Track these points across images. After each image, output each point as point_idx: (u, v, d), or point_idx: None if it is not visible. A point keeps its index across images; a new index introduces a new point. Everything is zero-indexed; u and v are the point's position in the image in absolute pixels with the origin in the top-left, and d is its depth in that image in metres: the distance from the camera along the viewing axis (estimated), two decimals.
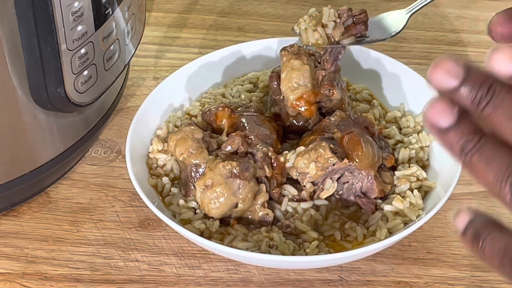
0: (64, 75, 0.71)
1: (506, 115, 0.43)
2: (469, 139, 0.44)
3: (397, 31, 0.78)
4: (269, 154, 0.75)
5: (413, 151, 0.78)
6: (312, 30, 0.76)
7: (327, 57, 0.78)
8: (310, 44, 0.77)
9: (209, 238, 0.72)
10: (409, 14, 0.79)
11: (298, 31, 0.78)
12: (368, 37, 0.78)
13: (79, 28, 0.70)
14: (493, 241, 0.44)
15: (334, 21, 0.76)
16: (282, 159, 0.75)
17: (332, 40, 0.76)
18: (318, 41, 0.76)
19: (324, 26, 0.76)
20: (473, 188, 0.81)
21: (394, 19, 0.79)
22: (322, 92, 0.78)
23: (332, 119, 0.77)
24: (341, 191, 0.75)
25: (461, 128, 0.44)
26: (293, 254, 0.71)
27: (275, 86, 0.80)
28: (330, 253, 0.71)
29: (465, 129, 0.44)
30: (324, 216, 0.74)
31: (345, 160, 0.73)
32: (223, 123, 0.79)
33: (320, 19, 0.76)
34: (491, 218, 0.45)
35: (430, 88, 0.46)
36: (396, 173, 0.76)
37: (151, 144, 0.80)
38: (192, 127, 0.77)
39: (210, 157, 0.74)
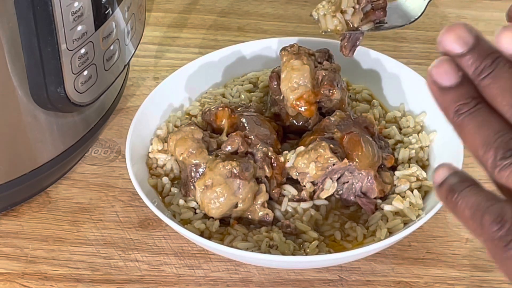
0: (64, 75, 0.71)
1: (502, 87, 0.44)
2: (466, 102, 0.45)
3: (416, 17, 0.77)
4: (269, 154, 0.75)
5: (413, 151, 0.78)
6: (331, 16, 0.75)
7: (345, 43, 0.77)
8: (328, 30, 0.76)
9: (209, 238, 0.72)
10: (428, 0, 0.78)
11: (316, 17, 0.76)
12: (386, 23, 0.77)
13: (79, 28, 0.70)
14: (467, 196, 0.45)
15: (353, 7, 0.75)
16: (282, 159, 0.75)
17: (351, 26, 0.75)
18: (337, 27, 0.75)
19: (343, 12, 0.75)
20: None
21: (413, 5, 0.78)
22: (322, 92, 0.78)
23: (332, 119, 0.77)
24: (341, 191, 0.75)
25: (461, 91, 0.45)
26: (293, 254, 0.71)
27: (275, 86, 0.80)
28: (330, 253, 0.71)
29: (464, 92, 0.45)
30: (324, 216, 0.74)
31: (345, 160, 0.73)
32: (223, 123, 0.79)
33: (339, 5, 0.75)
34: (469, 177, 0.46)
35: (438, 49, 0.47)
36: (396, 173, 0.76)
37: (151, 144, 0.80)
38: (192, 127, 0.77)
39: (210, 157, 0.74)
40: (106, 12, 0.72)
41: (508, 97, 0.44)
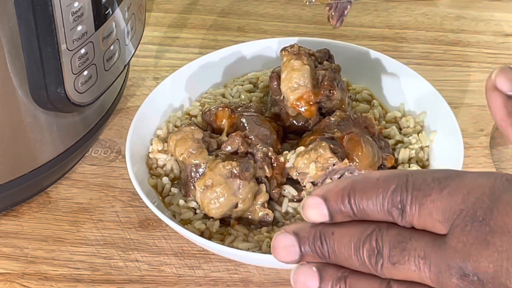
0: (64, 75, 0.71)
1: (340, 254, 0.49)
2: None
3: None
4: (269, 154, 0.75)
5: (413, 151, 0.78)
6: None
7: (332, 13, 0.76)
8: (313, 1, 0.75)
9: (209, 238, 0.72)
10: None
11: None
12: None
13: (79, 28, 0.70)
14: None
15: None
16: (282, 159, 0.75)
17: None
18: None
19: None
20: None
21: None
22: (322, 92, 0.78)
23: (332, 119, 0.77)
24: None
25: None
26: None
27: (275, 86, 0.80)
28: None
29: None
30: None
31: (345, 161, 0.73)
32: (223, 123, 0.79)
33: None
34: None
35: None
36: None
37: (151, 144, 0.80)
38: (192, 127, 0.77)
39: (210, 157, 0.74)
40: (106, 12, 0.72)
41: None
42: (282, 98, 0.80)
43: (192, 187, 0.75)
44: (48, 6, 0.66)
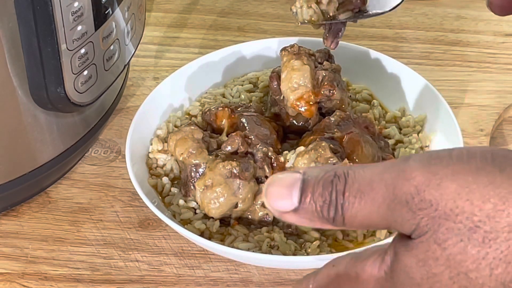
0: (64, 75, 0.71)
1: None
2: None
3: (398, 3, 0.76)
4: (269, 154, 0.75)
5: (413, 151, 0.78)
6: (307, 7, 0.75)
7: (326, 35, 0.77)
8: (305, 21, 0.75)
9: (209, 238, 0.72)
10: None
11: (295, 11, 0.76)
12: (367, 11, 0.76)
13: (79, 28, 0.70)
14: None
15: None
16: (282, 159, 0.75)
17: (328, 16, 0.75)
18: (312, 18, 0.74)
19: (318, 2, 0.75)
20: None
21: None
22: (322, 92, 0.78)
23: (332, 119, 0.77)
24: None
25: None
26: (294, 254, 0.71)
27: (275, 86, 0.80)
28: (332, 253, 0.71)
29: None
30: None
31: (345, 161, 0.73)
32: (223, 123, 0.79)
33: None
34: None
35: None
36: None
37: (151, 144, 0.80)
38: (192, 127, 0.77)
39: (210, 157, 0.74)
40: (106, 12, 0.72)
41: None
42: (282, 98, 0.80)
43: (192, 187, 0.75)
44: (48, 6, 0.66)
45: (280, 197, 0.47)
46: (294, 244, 0.72)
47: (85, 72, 0.73)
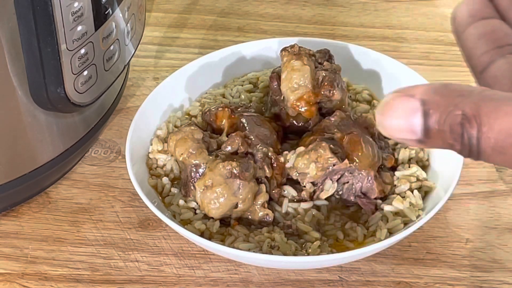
0: (64, 75, 0.71)
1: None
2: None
3: None
4: (269, 154, 0.75)
5: (413, 151, 0.78)
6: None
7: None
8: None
9: (209, 238, 0.72)
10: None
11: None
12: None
13: (79, 28, 0.70)
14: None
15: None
16: (282, 159, 0.75)
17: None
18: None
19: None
20: (473, 188, 0.81)
21: None
22: (322, 92, 0.78)
23: (332, 119, 0.77)
24: (341, 191, 0.75)
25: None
26: (295, 255, 0.71)
27: (275, 86, 0.80)
28: (333, 253, 0.71)
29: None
30: (326, 216, 0.74)
31: (346, 161, 0.73)
32: (223, 123, 0.79)
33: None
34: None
35: None
36: (396, 173, 0.76)
37: (151, 144, 0.80)
38: (192, 127, 0.77)
39: (210, 157, 0.74)
40: (106, 12, 0.72)
41: None
42: (282, 98, 0.80)
43: (192, 187, 0.75)
44: (48, 6, 0.66)
45: (399, 131, 0.41)
46: (295, 244, 0.72)
47: (85, 72, 0.73)
